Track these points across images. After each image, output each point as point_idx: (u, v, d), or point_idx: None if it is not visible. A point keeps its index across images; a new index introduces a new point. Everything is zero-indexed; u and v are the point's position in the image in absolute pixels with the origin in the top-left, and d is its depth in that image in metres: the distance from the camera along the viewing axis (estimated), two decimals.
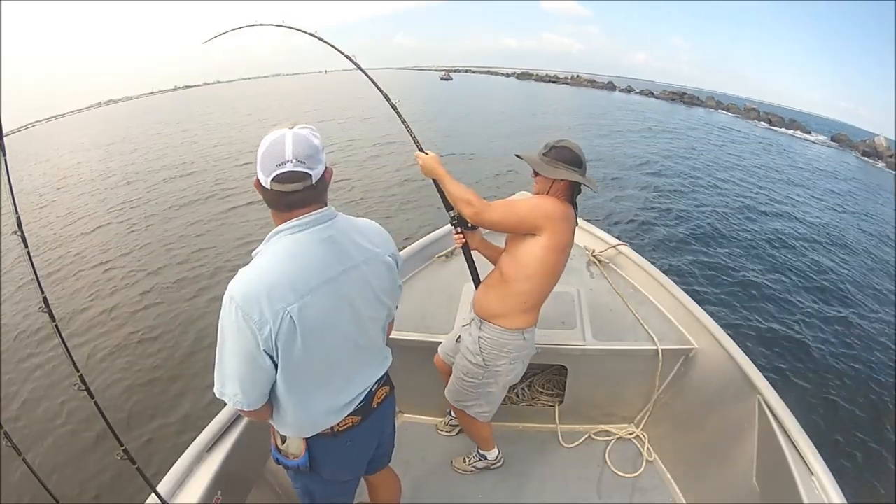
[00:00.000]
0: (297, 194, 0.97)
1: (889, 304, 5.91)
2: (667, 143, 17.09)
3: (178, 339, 4.63)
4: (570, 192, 1.54)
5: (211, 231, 7.84)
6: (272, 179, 0.94)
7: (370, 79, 1.83)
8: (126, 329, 4.93)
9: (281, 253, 0.98)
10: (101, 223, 8.97)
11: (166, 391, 3.93)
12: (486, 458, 2.02)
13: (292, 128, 0.96)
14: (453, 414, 2.18)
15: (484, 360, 1.64)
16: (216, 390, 1.00)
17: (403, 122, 1.74)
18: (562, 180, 1.49)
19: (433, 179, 1.62)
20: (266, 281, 0.94)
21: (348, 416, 1.14)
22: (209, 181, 11.24)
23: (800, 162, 17.51)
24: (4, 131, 1.00)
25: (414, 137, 1.71)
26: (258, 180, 0.98)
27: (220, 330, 0.96)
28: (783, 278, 6.26)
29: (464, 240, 1.74)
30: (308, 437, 1.12)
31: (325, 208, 1.03)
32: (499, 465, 2.05)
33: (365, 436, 1.22)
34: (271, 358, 0.97)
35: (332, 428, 1.12)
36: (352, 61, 1.76)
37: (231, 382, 0.98)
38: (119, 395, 3.91)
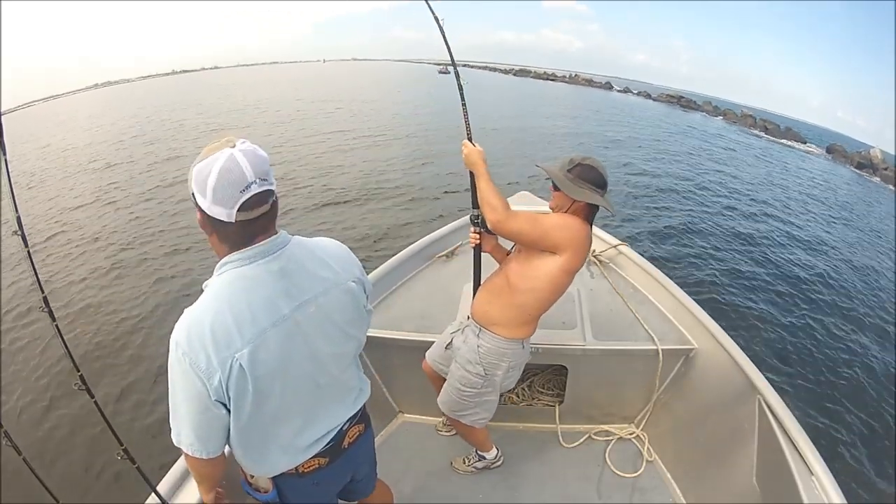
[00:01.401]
0: (262, 219, 0.89)
1: (888, 306, 5.92)
2: (664, 149, 17.11)
3: None
4: (590, 212, 1.48)
5: None
6: (239, 209, 0.84)
7: (449, 50, 1.73)
8: (126, 328, 4.92)
9: (226, 291, 0.89)
10: (98, 206, 9.00)
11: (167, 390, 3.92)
12: (485, 458, 2.01)
13: (234, 146, 0.85)
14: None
15: (484, 369, 1.61)
16: (174, 438, 0.94)
17: (464, 105, 1.68)
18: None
19: (470, 172, 1.56)
20: (210, 325, 0.85)
21: (315, 457, 1.06)
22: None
23: (794, 174, 17.48)
24: (3, 109, 0.98)
25: (468, 124, 1.64)
26: (208, 217, 0.86)
27: (169, 375, 0.89)
28: (783, 281, 6.27)
29: (478, 240, 1.72)
30: (271, 476, 1.07)
31: (275, 235, 0.93)
32: (498, 464, 2.04)
33: (333, 477, 1.15)
34: (224, 405, 0.91)
35: (296, 468, 1.05)
36: (438, 25, 1.67)
37: (186, 430, 0.91)
38: (120, 394, 3.91)
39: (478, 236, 1.71)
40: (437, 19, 1.66)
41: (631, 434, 2.20)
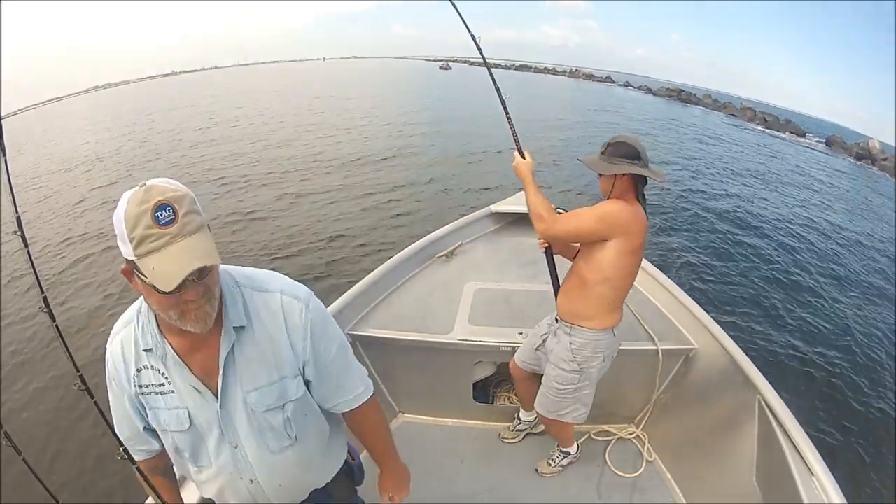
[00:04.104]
0: None
1: (889, 305, 5.91)
2: (664, 146, 17.12)
3: None
4: (636, 187, 1.52)
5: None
6: None
7: (487, 65, 1.89)
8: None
9: None
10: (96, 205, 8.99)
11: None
12: (569, 454, 2.03)
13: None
14: (522, 418, 2.18)
15: (579, 364, 1.67)
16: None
17: (509, 118, 1.80)
18: (623, 175, 1.48)
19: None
20: None
21: None
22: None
23: (794, 166, 17.47)
24: (3, 112, 0.98)
25: (515, 136, 1.75)
26: None
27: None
28: (783, 277, 6.26)
29: (547, 244, 1.77)
30: None
31: None
32: (578, 455, 2.05)
33: None
34: None
35: None
36: (471, 35, 1.83)
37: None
38: None
39: (546, 241, 1.77)
40: (471, 35, 1.83)
41: (631, 434, 2.20)
